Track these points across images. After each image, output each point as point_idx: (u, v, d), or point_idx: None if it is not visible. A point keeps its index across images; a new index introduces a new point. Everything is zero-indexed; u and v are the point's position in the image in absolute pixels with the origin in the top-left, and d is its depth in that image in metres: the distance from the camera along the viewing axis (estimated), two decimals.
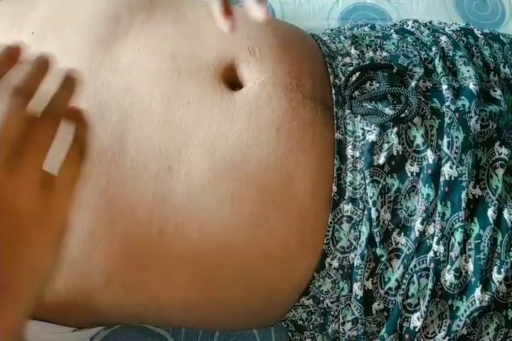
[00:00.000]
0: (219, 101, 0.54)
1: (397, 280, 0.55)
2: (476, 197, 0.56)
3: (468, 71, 0.61)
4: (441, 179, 0.55)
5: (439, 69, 0.61)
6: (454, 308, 0.56)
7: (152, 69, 0.55)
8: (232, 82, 0.56)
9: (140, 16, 0.58)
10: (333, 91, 0.58)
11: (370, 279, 0.55)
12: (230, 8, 0.54)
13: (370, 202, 0.54)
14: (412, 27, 0.71)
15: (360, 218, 0.55)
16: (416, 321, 0.56)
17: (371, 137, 0.55)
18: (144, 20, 0.58)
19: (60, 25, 0.57)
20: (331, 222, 0.54)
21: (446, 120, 0.57)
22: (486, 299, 0.54)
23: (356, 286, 0.55)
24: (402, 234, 0.55)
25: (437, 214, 0.55)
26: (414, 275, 0.55)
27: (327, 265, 0.55)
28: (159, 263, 0.52)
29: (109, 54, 0.55)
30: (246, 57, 0.57)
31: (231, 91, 0.55)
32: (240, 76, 0.56)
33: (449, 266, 0.55)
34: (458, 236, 0.55)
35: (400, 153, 0.55)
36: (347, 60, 0.62)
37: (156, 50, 0.56)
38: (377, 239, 0.54)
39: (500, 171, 0.57)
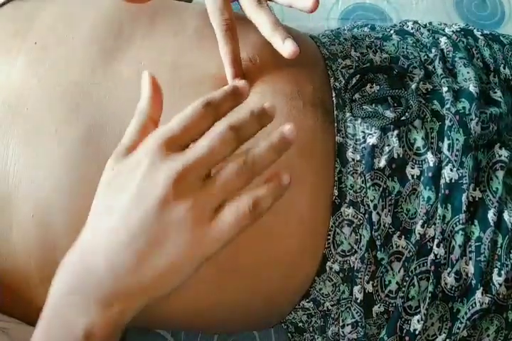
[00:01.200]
0: None
1: (397, 283, 0.55)
2: (477, 199, 0.56)
3: (468, 72, 0.61)
4: (442, 181, 0.55)
5: (439, 71, 0.61)
6: (454, 311, 0.56)
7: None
8: None
9: (142, 26, 0.58)
10: (334, 94, 0.58)
11: (371, 282, 0.55)
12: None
13: (371, 205, 0.54)
14: (412, 28, 0.70)
15: (361, 222, 0.54)
16: (416, 323, 0.56)
17: (372, 140, 0.55)
18: (145, 31, 0.57)
19: (64, 34, 0.57)
20: (332, 226, 0.54)
21: (447, 122, 0.57)
22: (487, 301, 0.54)
23: (356, 289, 0.55)
24: (403, 237, 0.55)
25: (438, 217, 0.55)
26: (415, 277, 0.55)
27: (328, 268, 0.55)
28: None
29: (112, 65, 0.55)
30: (246, 64, 0.56)
31: None
32: None
33: (449, 269, 0.55)
34: (458, 238, 0.55)
35: (401, 156, 0.55)
36: (347, 62, 0.61)
37: (158, 62, 0.55)
38: (377, 243, 0.54)
39: (501, 173, 0.57)
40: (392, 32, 0.69)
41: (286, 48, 0.53)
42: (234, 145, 0.41)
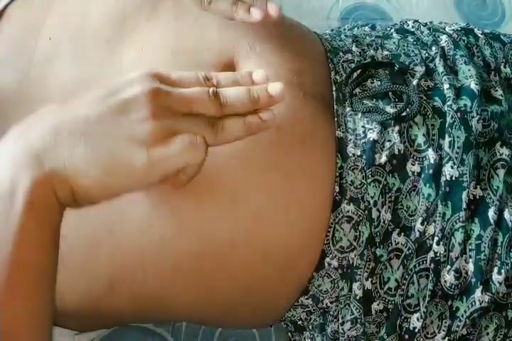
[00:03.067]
0: None
1: (396, 280, 0.55)
2: (477, 197, 0.56)
3: (469, 70, 0.61)
4: (442, 179, 0.55)
5: (440, 69, 0.61)
6: (453, 309, 0.56)
7: (154, 67, 0.54)
8: None
9: (144, 15, 0.58)
10: (334, 88, 0.58)
11: (370, 279, 0.55)
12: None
13: (371, 201, 0.54)
14: (413, 27, 0.70)
15: (361, 218, 0.54)
16: (416, 321, 0.55)
17: (372, 135, 0.55)
18: (147, 19, 0.58)
19: (75, 29, 0.57)
20: (331, 223, 0.54)
21: (448, 119, 0.56)
22: (486, 300, 0.54)
23: (355, 286, 0.55)
24: (402, 234, 0.55)
25: (438, 215, 0.55)
26: (414, 275, 0.55)
27: (326, 264, 0.55)
28: (160, 267, 0.52)
29: (118, 56, 0.56)
30: (246, 52, 0.56)
31: None
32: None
33: (449, 267, 0.55)
34: (458, 236, 0.55)
35: (402, 152, 0.55)
36: (348, 56, 0.61)
37: (158, 47, 0.56)
38: (377, 239, 0.54)
39: (501, 172, 0.57)
40: (392, 31, 0.69)
41: (254, 15, 0.53)
42: (215, 107, 0.44)
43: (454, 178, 0.55)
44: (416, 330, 0.55)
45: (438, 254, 0.54)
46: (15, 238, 0.37)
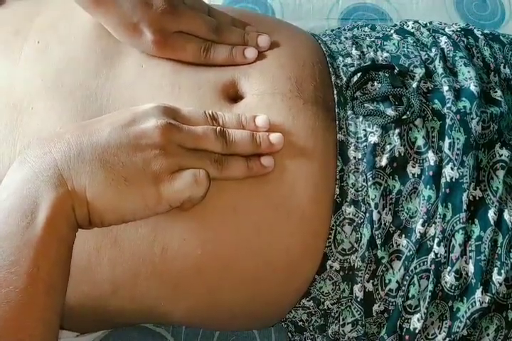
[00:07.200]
0: None
1: (397, 281, 0.55)
2: (477, 198, 0.56)
3: (468, 72, 0.61)
4: (442, 180, 0.55)
5: (440, 70, 0.61)
6: (454, 310, 0.56)
7: (154, 84, 0.55)
8: (234, 96, 0.56)
9: None
10: (335, 92, 0.58)
11: (371, 281, 0.55)
12: None
13: (372, 204, 0.54)
14: (412, 28, 0.70)
15: (362, 220, 0.54)
16: (416, 322, 0.56)
17: (373, 139, 0.55)
18: None
19: (65, 34, 0.57)
20: (333, 225, 0.54)
21: (448, 121, 0.56)
22: (486, 300, 0.54)
23: (357, 288, 0.55)
24: (403, 235, 0.55)
25: (438, 216, 0.55)
26: (415, 276, 0.55)
27: (328, 267, 0.55)
28: (163, 276, 0.52)
29: (114, 68, 0.55)
30: (246, 69, 0.56)
31: (230, 105, 0.55)
32: (240, 89, 0.56)
33: (449, 268, 0.55)
34: (459, 237, 0.55)
35: (402, 154, 0.55)
36: (348, 60, 0.61)
37: (158, 65, 0.56)
38: (378, 241, 0.54)
39: (501, 173, 0.57)
40: (392, 31, 0.69)
41: (250, 56, 0.57)
42: (221, 145, 0.49)
43: (454, 180, 0.55)
44: (416, 331, 0.55)
45: (438, 255, 0.55)
46: (34, 252, 0.39)
